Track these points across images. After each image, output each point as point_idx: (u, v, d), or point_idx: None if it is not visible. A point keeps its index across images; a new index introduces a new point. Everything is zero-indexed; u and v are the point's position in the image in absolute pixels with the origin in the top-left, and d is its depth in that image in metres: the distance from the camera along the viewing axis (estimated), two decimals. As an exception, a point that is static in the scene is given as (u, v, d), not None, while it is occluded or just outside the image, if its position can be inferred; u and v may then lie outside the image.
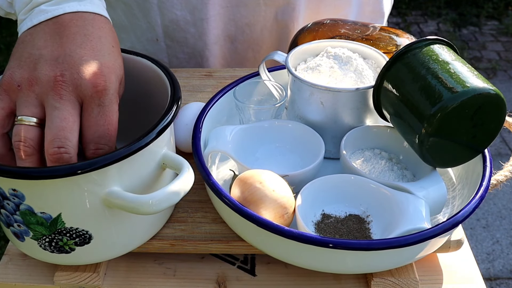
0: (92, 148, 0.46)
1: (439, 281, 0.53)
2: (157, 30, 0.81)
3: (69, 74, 0.45)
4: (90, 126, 0.45)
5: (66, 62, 0.45)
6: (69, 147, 0.44)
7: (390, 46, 0.70)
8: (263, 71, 0.66)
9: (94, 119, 0.45)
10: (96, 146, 0.46)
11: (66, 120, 0.44)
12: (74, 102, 0.45)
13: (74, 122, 0.45)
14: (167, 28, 0.80)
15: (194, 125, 0.59)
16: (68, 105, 0.45)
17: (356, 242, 0.46)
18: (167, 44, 0.83)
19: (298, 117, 0.62)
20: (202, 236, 0.54)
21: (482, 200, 0.50)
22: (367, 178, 0.54)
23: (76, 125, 0.45)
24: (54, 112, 0.44)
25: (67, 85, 0.45)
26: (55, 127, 0.44)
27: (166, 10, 0.78)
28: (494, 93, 0.48)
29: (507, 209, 1.90)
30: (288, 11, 0.80)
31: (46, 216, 0.45)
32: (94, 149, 0.46)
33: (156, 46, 0.83)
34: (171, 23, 0.79)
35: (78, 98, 0.45)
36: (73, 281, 0.52)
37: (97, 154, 0.46)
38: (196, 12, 0.78)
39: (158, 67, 0.55)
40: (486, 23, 3.19)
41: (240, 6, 0.78)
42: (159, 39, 0.82)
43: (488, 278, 1.64)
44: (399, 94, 0.53)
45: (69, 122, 0.44)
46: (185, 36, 0.81)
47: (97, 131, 0.46)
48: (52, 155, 0.44)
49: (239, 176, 0.52)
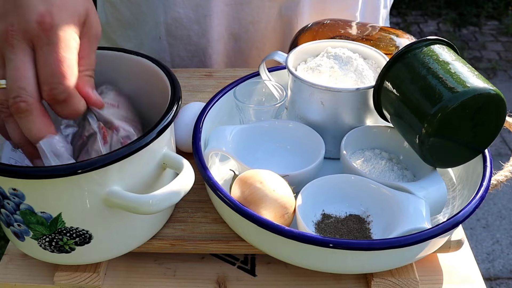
0: (47, 89, 0.43)
1: (439, 281, 0.53)
2: (160, 28, 0.81)
3: (17, 22, 0.44)
4: (40, 67, 0.44)
5: (15, 12, 0.44)
6: (24, 95, 0.43)
7: (390, 46, 0.70)
8: (263, 71, 0.66)
9: (43, 58, 0.43)
10: (49, 87, 0.43)
11: (18, 69, 0.43)
12: (25, 49, 0.44)
13: (26, 69, 0.43)
14: (169, 26, 0.80)
15: (194, 125, 0.59)
16: (19, 53, 0.43)
17: (356, 242, 0.46)
18: (169, 43, 0.82)
19: (298, 117, 0.62)
20: (202, 236, 0.54)
21: (482, 200, 0.50)
22: (368, 178, 0.54)
23: (30, 72, 0.43)
24: (9, 65, 0.43)
25: (16, 33, 0.43)
26: (9, 79, 0.43)
27: (168, 8, 0.78)
28: (494, 93, 0.48)
29: (507, 209, 1.90)
30: (292, 6, 0.79)
31: (46, 215, 0.45)
32: (48, 90, 0.43)
33: (159, 45, 0.83)
34: (173, 21, 0.79)
35: (29, 43, 0.44)
36: (73, 281, 0.52)
37: (52, 96, 0.44)
38: (200, 9, 0.78)
39: (159, 67, 0.55)
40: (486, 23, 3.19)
41: (243, 4, 0.78)
42: (162, 37, 0.82)
43: (488, 278, 1.64)
44: (400, 94, 0.53)
45: (21, 70, 0.43)
46: (188, 33, 0.81)
47: (47, 71, 0.43)
48: (11, 106, 0.43)
49: (239, 176, 0.52)
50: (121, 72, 0.56)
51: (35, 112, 0.43)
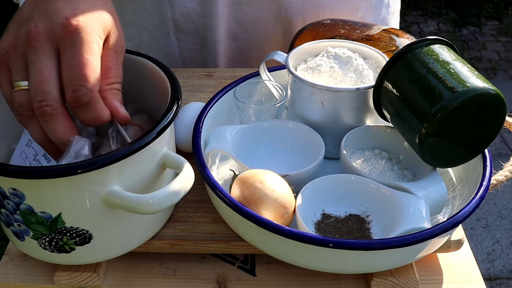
0: (70, 91, 0.44)
1: (439, 281, 0.53)
2: (168, 23, 0.81)
3: (42, 24, 0.44)
4: (64, 69, 0.44)
5: (41, 15, 0.44)
6: (49, 99, 0.43)
7: (390, 46, 0.70)
8: (263, 71, 0.66)
9: (67, 61, 0.44)
10: (72, 89, 0.43)
11: (42, 73, 0.43)
12: (49, 52, 0.44)
13: (50, 72, 0.43)
14: (177, 21, 0.80)
15: (194, 125, 0.59)
16: (42, 56, 0.44)
17: (356, 242, 0.46)
18: (178, 38, 0.83)
19: (298, 117, 0.62)
20: (202, 236, 0.54)
21: (482, 200, 0.50)
22: (367, 178, 0.54)
23: (54, 75, 0.44)
24: (32, 68, 0.44)
25: (40, 35, 0.44)
26: (33, 83, 0.43)
27: (176, 4, 0.79)
28: (494, 93, 0.48)
29: (507, 209, 1.90)
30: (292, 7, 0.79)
31: (46, 215, 0.45)
32: (71, 92, 0.44)
33: (167, 41, 0.83)
34: (182, 16, 0.80)
35: (54, 46, 0.44)
36: (73, 281, 0.52)
37: (76, 98, 0.44)
38: (205, 4, 0.78)
39: (158, 67, 0.55)
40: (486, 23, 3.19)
41: (242, 4, 0.78)
42: (170, 33, 0.82)
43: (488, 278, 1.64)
44: (399, 94, 0.53)
45: (45, 74, 0.43)
46: (196, 27, 0.81)
47: (71, 73, 0.43)
48: (36, 110, 0.43)
49: (239, 176, 0.52)
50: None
51: (60, 116, 0.44)
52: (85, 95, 0.44)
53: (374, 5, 0.84)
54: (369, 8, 0.84)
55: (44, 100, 0.43)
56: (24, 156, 0.52)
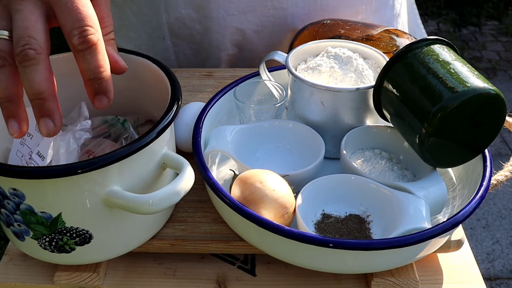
0: (76, 33, 0.42)
1: (439, 281, 0.53)
2: (163, 28, 0.81)
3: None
4: (64, 15, 0.43)
5: None
6: (33, 43, 0.41)
7: (390, 46, 0.70)
8: (263, 71, 0.66)
9: (65, 7, 0.43)
10: (79, 30, 0.42)
11: (28, 19, 0.42)
12: (36, 2, 0.43)
13: (36, 20, 0.42)
14: (172, 26, 0.80)
15: (195, 125, 0.59)
16: (29, 4, 0.43)
17: (356, 242, 0.46)
18: (174, 42, 0.83)
19: (298, 117, 0.62)
20: (202, 236, 0.54)
21: (482, 200, 0.50)
22: (367, 178, 0.54)
23: (40, 23, 0.43)
24: (16, 15, 0.42)
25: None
26: (18, 28, 0.42)
27: (171, 9, 0.79)
28: (494, 93, 0.48)
29: (507, 209, 1.90)
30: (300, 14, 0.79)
31: (46, 215, 0.45)
32: (78, 34, 0.42)
33: (163, 45, 0.83)
34: (176, 21, 0.80)
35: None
36: (73, 281, 0.52)
37: (84, 38, 0.42)
38: (201, 10, 0.78)
39: (159, 67, 0.55)
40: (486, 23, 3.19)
41: (247, 12, 0.78)
42: (166, 38, 0.82)
43: (488, 278, 1.64)
44: (399, 94, 0.53)
45: (31, 21, 0.42)
46: (191, 33, 0.81)
47: (73, 15, 0.42)
48: (18, 55, 0.41)
49: (239, 175, 0.52)
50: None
51: (42, 63, 0.42)
52: (93, 34, 0.42)
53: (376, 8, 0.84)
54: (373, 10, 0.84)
55: (29, 43, 0.41)
56: (20, 155, 0.52)
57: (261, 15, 0.78)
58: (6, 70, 0.42)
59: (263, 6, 0.77)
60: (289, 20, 0.80)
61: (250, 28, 0.79)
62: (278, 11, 0.78)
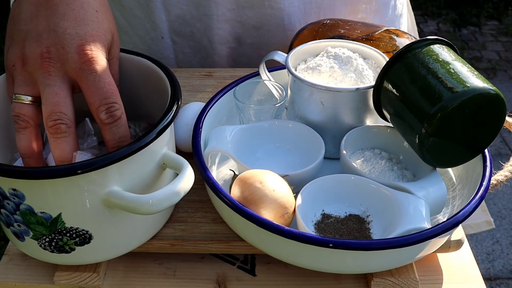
0: (104, 110, 0.46)
1: (439, 281, 0.53)
2: (162, 27, 0.81)
3: (55, 50, 0.46)
4: (93, 92, 0.46)
5: (51, 37, 0.46)
6: (65, 118, 0.46)
7: (390, 46, 0.70)
8: (263, 71, 0.66)
9: (93, 85, 0.46)
10: (107, 106, 0.46)
11: (58, 95, 0.46)
12: (64, 77, 0.46)
13: (66, 96, 0.46)
14: (173, 23, 0.80)
15: (194, 125, 0.59)
16: (58, 80, 0.46)
17: (356, 242, 0.46)
18: (173, 40, 0.83)
19: (298, 117, 0.62)
20: (202, 236, 0.54)
21: (482, 200, 0.50)
22: (367, 178, 0.54)
23: (69, 99, 0.46)
24: (46, 89, 0.46)
25: (54, 62, 0.46)
26: (49, 103, 0.46)
27: (171, 6, 0.79)
28: (494, 93, 0.48)
29: (507, 209, 1.90)
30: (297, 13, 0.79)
31: (46, 216, 0.45)
32: (106, 109, 0.46)
33: (161, 44, 0.83)
34: (177, 18, 0.80)
35: (67, 73, 0.46)
36: (73, 281, 0.52)
37: (111, 113, 0.46)
38: (201, 7, 0.78)
39: (158, 67, 0.55)
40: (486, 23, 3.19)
41: (246, 8, 0.78)
42: (165, 36, 0.82)
43: (488, 278, 1.64)
44: (399, 94, 0.53)
45: (62, 97, 0.46)
46: (191, 30, 0.81)
47: (102, 93, 0.46)
48: (51, 127, 0.45)
49: (239, 176, 0.52)
50: (121, 72, 0.56)
51: (72, 135, 0.46)
52: (119, 109, 0.47)
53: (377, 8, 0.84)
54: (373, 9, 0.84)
55: (61, 119, 0.46)
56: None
57: (259, 13, 0.79)
58: (28, 131, 0.47)
59: (261, 4, 0.78)
60: (286, 21, 0.80)
61: (249, 23, 0.80)
62: (275, 11, 0.79)
